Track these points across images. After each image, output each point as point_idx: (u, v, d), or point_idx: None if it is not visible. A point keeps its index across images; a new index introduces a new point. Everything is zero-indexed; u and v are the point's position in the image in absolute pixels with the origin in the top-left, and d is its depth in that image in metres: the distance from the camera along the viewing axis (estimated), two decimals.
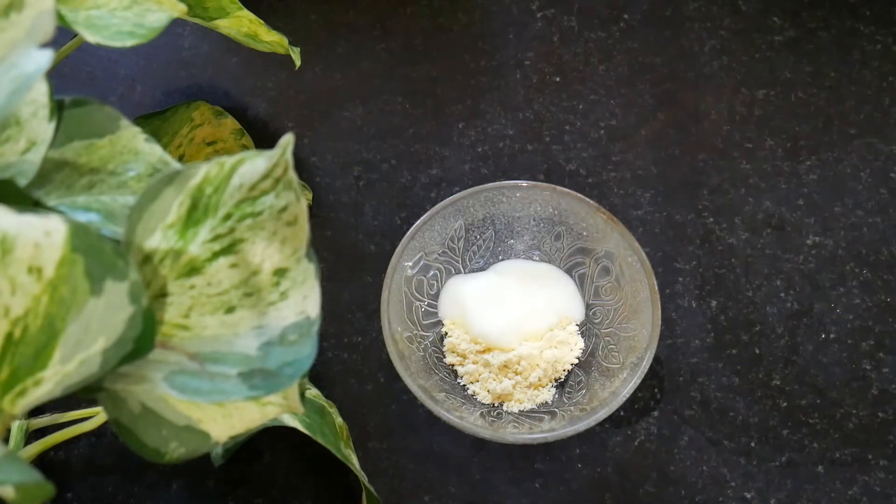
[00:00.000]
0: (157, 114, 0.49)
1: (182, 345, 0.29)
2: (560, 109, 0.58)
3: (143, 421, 0.29)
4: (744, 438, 0.49)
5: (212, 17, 0.45)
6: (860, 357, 0.51)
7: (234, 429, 0.30)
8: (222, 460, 0.42)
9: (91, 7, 0.37)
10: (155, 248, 0.29)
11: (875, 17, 0.61)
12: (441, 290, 0.50)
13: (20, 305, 0.25)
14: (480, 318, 0.49)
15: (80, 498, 0.48)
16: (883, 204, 0.55)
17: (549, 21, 0.62)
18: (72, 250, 0.25)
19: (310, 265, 0.29)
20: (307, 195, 0.52)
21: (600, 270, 0.49)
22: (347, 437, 0.46)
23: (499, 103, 0.58)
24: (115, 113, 0.32)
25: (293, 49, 0.48)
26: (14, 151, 0.30)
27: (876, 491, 0.48)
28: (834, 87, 0.59)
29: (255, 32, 0.46)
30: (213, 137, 0.51)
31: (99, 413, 0.42)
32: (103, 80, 0.59)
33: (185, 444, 0.30)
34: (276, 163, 0.28)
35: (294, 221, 0.29)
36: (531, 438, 0.43)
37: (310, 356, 0.29)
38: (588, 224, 0.49)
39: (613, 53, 0.60)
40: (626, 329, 0.47)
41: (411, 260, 0.48)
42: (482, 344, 0.48)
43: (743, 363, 0.51)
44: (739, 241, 0.54)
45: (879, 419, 0.49)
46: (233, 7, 0.44)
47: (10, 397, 0.26)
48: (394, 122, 0.58)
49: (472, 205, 0.49)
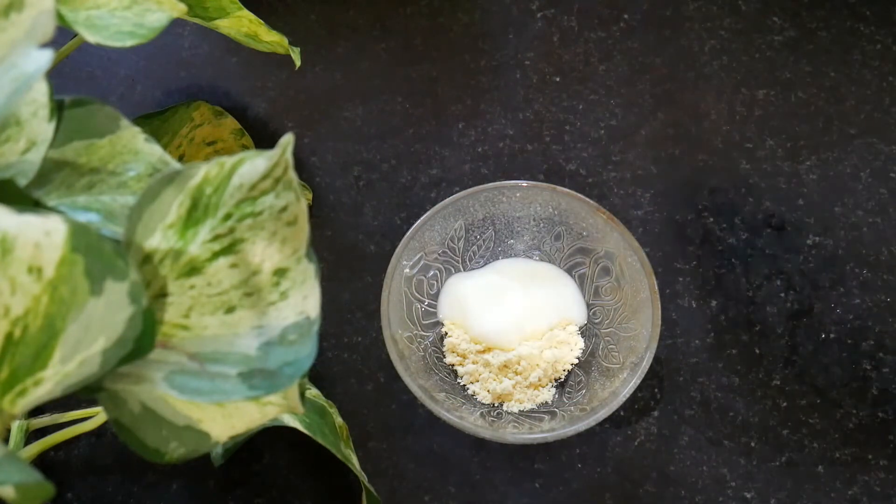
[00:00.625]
0: (157, 114, 0.49)
1: (182, 345, 0.29)
2: (560, 109, 0.58)
3: (143, 421, 0.29)
4: (744, 438, 0.49)
5: (212, 18, 0.45)
6: (860, 357, 0.51)
7: (234, 429, 0.29)
8: (222, 460, 0.42)
9: (91, 7, 0.37)
10: (155, 248, 0.29)
11: (875, 17, 0.61)
12: (441, 290, 0.50)
13: (20, 305, 0.25)
14: (480, 318, 0.49)
15: (80, 498, 0.48)
16: (883, 204, 0.55)
17: (549, 21, 0.62)
18: (72, 250, 0.25)
19: (310, 265, 0.29)
20: (307, 195, 0.53)
21: (600, 270, 0.49)
22: (347, 437, 0.46)
23: (499, 103, 0.58)
24: (115, 113, 0.32)
25: (293, 49, 0.48)
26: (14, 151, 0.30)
27: (876, 491, 0.48)
28: (834, 87, 0.59)
29: (255, 32, 0.46)
30: (212, 137, 0.51)
31: (99, 413, 0.42)
32: (103, 80, 0.59)
33: (185, 444, 0.30)
34: (276, 163, 0.28)
35: (294, 221, 0.29)
36: (531, 438, 0.43)
37: (310, 356, 0.29)
38: (588, 224, 0.49)
39: (613, 53, 0.60)
40: (626, 329, 0.47)
41: (411, 260, 0.48)
42: (482, 344, 0.48)
43: (743, 363, 0.51)
44: (739, 241, 0.54)
45: (879, 419, 0.49)
46: (233, 7, 0.44)
47: (10, 397, 0.26)
48: (394, 122, 0.58)
49: (471, 205, 0.49)
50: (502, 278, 0.50)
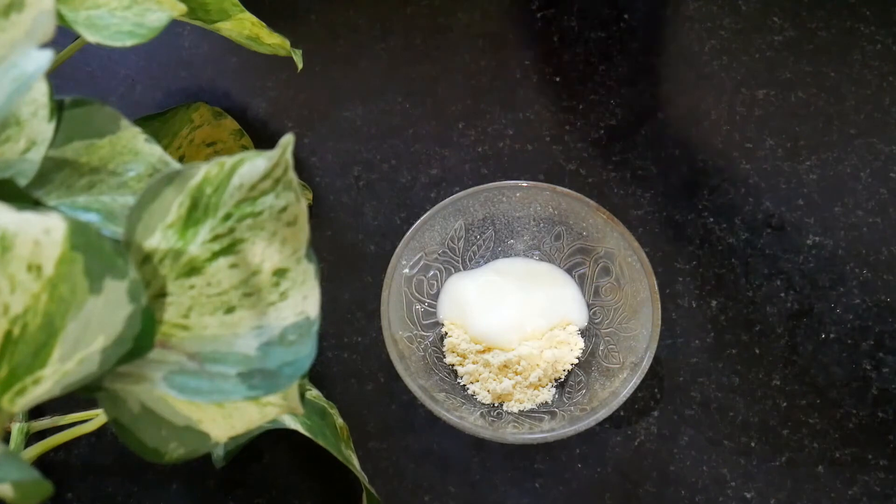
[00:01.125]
0: (157, 115, 0.49)
1: (181, 345, 0.29)
2: (560, 109, 0.58)
3: (142, 421, 0.29)
4: (744, 438, 0.49)
5: (213, 20, 0.44)
6: (860, 357, 0.51)
7: (233, 429, 0.29)
8: (224, 462, 0.42)
9: (91, 7, 0.37)
10: (155, 248, 0.29)
11: (875, 17, 0.61)
12: (441, 290, 0.50)
13: (20, 303, 0.25)
14: (480, 318, 0.49)
15: (80, 498, 0.48)
16: (883, 204, 0.55)
17: (549, 21, 0.62)
18: (71, 248, 0.25)
19: (310, 265, 0.29)
20: (307, 195, 0.52)
21: (600, 270, 0.49)
22: (348, 437, 0.46)
23: (499, 103, 0.58)
24: (116, 113, 0.32)
25: (295, 51, 0.48)
26: (14, 151, 0.30)
27: (876, 491, 0.48)
28: (834, 87, 0.59)
29: (256, 35, 0.46)
30: (212, 138, 0.51)
31: (98, 415, 0.42)
32: (103, 80, 0.59)
33: (185, 445, 0.30)
34: (276, 163, 0.28)
35: (294, 222, 0.29)
36: (531, 438, 0.43)
37: (309, 356, 0.29)
38: (588, 224, 0.49)
39: (613, 53, 0.60)
40: (626, 329, 0.47)
41: (411, 260, 0.48)
42: (482, 344, 0.48)
43: (743, 363, 0.51)
44: (739, 241, 0.54)
45: (879, 419, 0.49)
46: (234, 10, 0.44)
47: (9, 396, 0.26)
48: (394, 122, 0.58)
49: (471, 205, 0.49)
50: (502, 278, 0.50)
